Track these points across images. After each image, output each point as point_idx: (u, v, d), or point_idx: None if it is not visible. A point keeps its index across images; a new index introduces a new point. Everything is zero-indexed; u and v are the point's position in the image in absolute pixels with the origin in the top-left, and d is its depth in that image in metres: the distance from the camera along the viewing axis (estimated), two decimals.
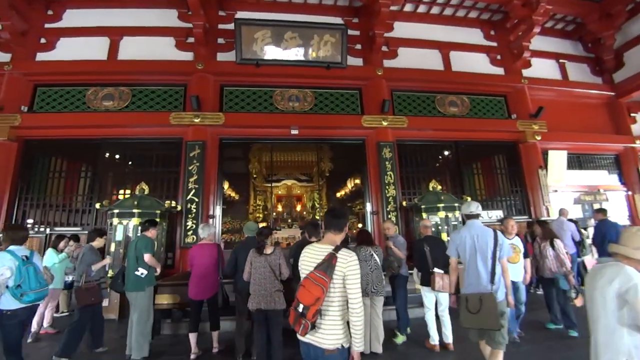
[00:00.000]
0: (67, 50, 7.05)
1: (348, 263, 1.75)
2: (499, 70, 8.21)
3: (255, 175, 10.84)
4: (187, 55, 7.02)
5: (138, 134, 6.62)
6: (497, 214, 7.38)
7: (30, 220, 6.28)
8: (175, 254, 6.11)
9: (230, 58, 6.94)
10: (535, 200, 7.52)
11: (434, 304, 3.85)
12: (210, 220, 6.23)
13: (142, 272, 3.42)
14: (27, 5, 6.94)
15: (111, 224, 5.23)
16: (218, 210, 6.43)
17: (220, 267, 3.58)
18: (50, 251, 4.47)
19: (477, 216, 2.99)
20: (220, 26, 7.27)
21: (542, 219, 6.67)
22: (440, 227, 5.87)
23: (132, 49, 7.03)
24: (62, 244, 4.60)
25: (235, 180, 11.63)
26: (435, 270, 3.58)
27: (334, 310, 1.74)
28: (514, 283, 3.60)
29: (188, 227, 6.00)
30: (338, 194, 12.49)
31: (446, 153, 7.77)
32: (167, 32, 7.15)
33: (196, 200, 6.10)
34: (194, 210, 6.05)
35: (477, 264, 2.83)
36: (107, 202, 5.27)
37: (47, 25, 7.23)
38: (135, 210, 5.17)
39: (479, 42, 8.26)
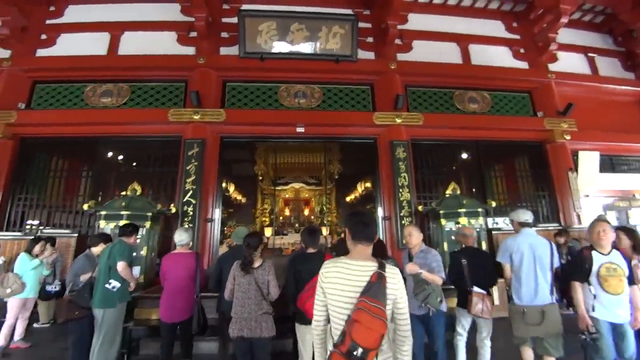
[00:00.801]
0: (68, 46, 6.71)
1: (399, 282, 1.42)
2: (523, 65, 7.47)
3: (261, 177, 10.30)
4: (189, 50, 6.57)
5: (136, 131, 6.16)
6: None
7: (34, 222, 5.84)
8: None
9: (234, 52, 6.45)
10: (565, 205, 6.70)
11: (467, 330, 3.13)
12: (209, 225, 5.68)
13: (113, 284, 2.86)
14: (28, 1, 6.62)
15: (98, 226, 4.72)
16: (217, 213, 5.88)
17: (199, 282, 2.95)
18: (22, 256, 3.97)
19: (530, 225, 2.89)
20: (224, 20, 6.82)
21: (624, 225, 5.79)
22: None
23: (132, 44, 6.63)
24: (37, 248, 4.10)
25: (242, 183, 11.14)
26: (475, 289, 2.90)
27: (386, 347, 1.39)
28: (616, 327, 2.55)
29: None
30: (348, 198, 11.84)
31: (464, 155, 7.04)
32: (169, 27, 6.73)
33: (193, 202, 5.57)
34: (191, 213, 5.51)
35: (536, 274, 2.74)
36: (94, 202, 4.77)
37: (48, 21, 6.92)
38: (124, 212, 4.66)
39: (500, 34, 7.55)
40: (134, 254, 3.34)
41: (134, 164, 6.43)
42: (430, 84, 6.84)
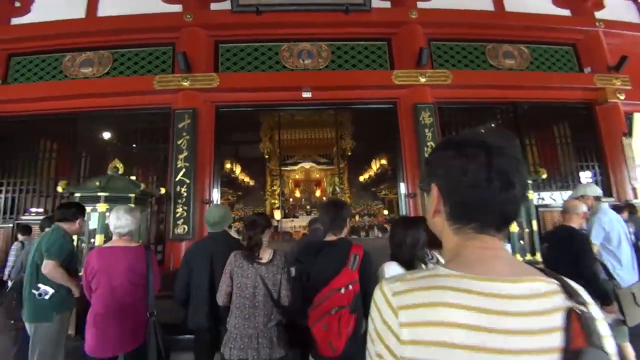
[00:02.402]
0: (43, 12, 5.77)
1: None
2: (565, 13, 6.14)
3: (268, 156, 9.33)
4: (176, 9, 5.51)
5: (120, 104, 5.24)
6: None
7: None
8: (164, 248, 4.76)
9: (226, 8, 5.36)
10: (618, 177, 5.53)
11: None
12: (207, 207, 4.80)
13: (42, 290, 1.98)
14: None
15: None
16: (215, 194, 4.99)
17: (152, 292, 1.90)
18: None
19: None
20: None
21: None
22: None
23: (112, 5, 5.62)
24: None
25: (250, 164, 10.24)
26: None
27: None
28: None
29: (177, 215, 4.60)
30: (361, 178, 10.81)
31: (499, 120, 5.87)
32: None
33: (187, 181, 4.68)
34: (185, 194, 4.64)
35: (633, 252, 2.55)
36: (65, 183, 3.93)
37: None
38: (101, 194, 3.80)
39: None
40: (83, 244, 2.44)
41: (121, 140, 5.54)
42: (457, 36, 5.64)
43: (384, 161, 9.34)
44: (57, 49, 5.60)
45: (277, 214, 9.02)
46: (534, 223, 4.10)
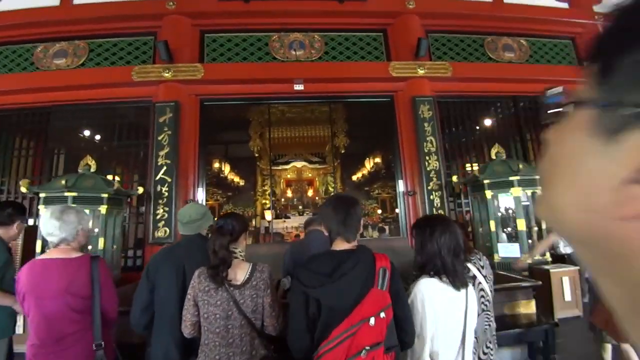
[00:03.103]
0: (14, 2, 5.24)
1: None
2: (563, 6, 5.92)
3: (258, 155, 8.92)
4: None
5: (96, 97, 4.78)
6: None
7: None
8: (144, 253, 4.32)
9: None
10: None
11: None
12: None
13: None
14: None
15: (37, 212, 3.44)
16: (200, 193, 4.57)
17: (97, 318, 1.42)
18: None
19: None
20: None
21: None
22: (513, 212, 3.81)
23: None
24: None
25: (241, 164, 9.80)
26: None
27: None
28: None
29: (158, 217, 4.17)
30: (354, 177, 10.49)
31: (500, 114, 5.60)
32: None
33: (168, 180, 4.25)
34: (166, 194, 4.21)
35: None
36: (27, 182, 3.45)
37: None
38: (68, 194, 3.35)
39: None
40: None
41: (98, 136, 5.08)
42: (456, 28, 5.35)
43: (378, 159, 9.04)
44: (28, 40, 5.10)
45: (268, 215, 8.61)
46: (543, 222, 3.81)
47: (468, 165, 5.35)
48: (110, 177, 4.61)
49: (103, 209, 3.51)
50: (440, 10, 5.17)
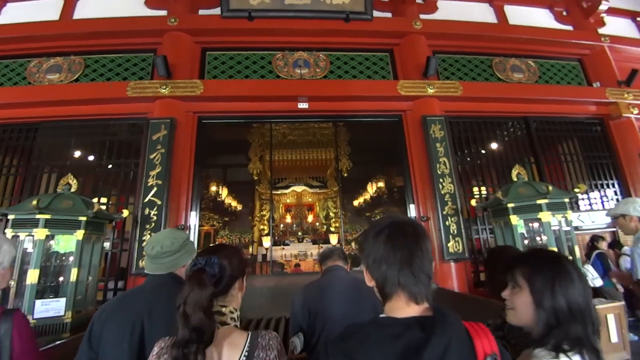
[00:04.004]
0: (14, 16, 5.09)
1: None
2: (567, 28, 5.87)
3: (257, 178, 8.52)
4: (160, 14, 4.92)
5: (88, 113, 4.45)
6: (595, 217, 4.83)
7: None
8: (126, 286, 3.78)
9: (216, 13, 4.80)
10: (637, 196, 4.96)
11: None
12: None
13: None
14: None
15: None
16: (193, 218, 4.10)
17: None
18: None
19: None
20: None
21: None
22: (540, 238, 3.38)
23: (90, 10, 5.00)
24: None
25: (239, 189, 9.40)
26: None
27: None
28: None
29: (144, 244, 3.66)
30: (355, 202, 10.06)
31: (512, 134, 5.31)
32: None
33: (158, 203, 3.81)
34: (154, 218, 3.75)
35: None
36: None
37: None
38: (40, 216, 2.88)
39: None
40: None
41: (88, 155, 4.68)
42: (463, 49, 5.19)
43: (381, 184, 8.67)
44: (23, 54, 4.87)
45: (267, 241, 8.07)
46: (577, 249, 3.37)
47: (476, 188, 4.95)
48: (98, 199, 4.18)
49: (79, 234, 3.03)
50: (447, 31, 5.04)
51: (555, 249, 3.28)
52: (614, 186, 5.16)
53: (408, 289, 0.71)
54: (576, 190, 3.58)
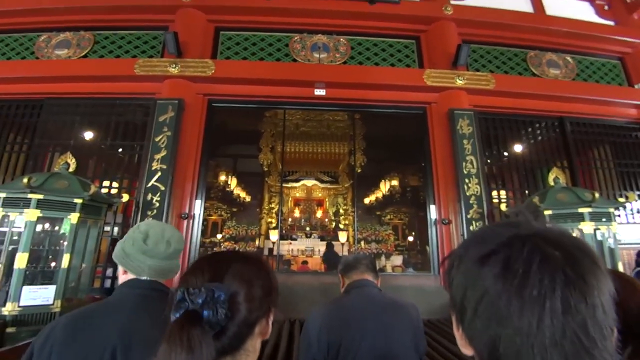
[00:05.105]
0: None
1: None
2: (609, 23, 5.34)
3: (267, 169, 8.22)
4: None
5: (93, 90, 4.20)
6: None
7: None
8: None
9: None
10: None
11: None
12: (184, 224, 3.63)
13: None
14: None
15: None
16: (198, 207, 3.82)
17: None
18: None
19: None
20: None
21: None
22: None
23: None
24: None
25: (248, 179, 9.12)
26: None
27: None
28: None
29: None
30: (366, 199, 9.68)
31: (546, 134, 4.85)
32: None
33: (162, 188, 3.54)
34: (157, 205, 3.48)
35: None
36: None
37: None
38: (32, 196, 2.64)
39: None
40: None
41: (90, 135, 4.44)
42: (495, 39, 4.75)
43: (395, 182, 8.27)
44: (32, 28, 4.65)
45: (274, 235, 7.80)
46: (620, 267, 2.96)
47: (503, 192, 4.54)
48: (99, 181, 3.95)
49: (74, 217, 2.78)
50: (479, 19, 4.60)
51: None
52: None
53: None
54: (622, 199, 3.15)
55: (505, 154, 4.54)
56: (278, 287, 0.56)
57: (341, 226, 8.95)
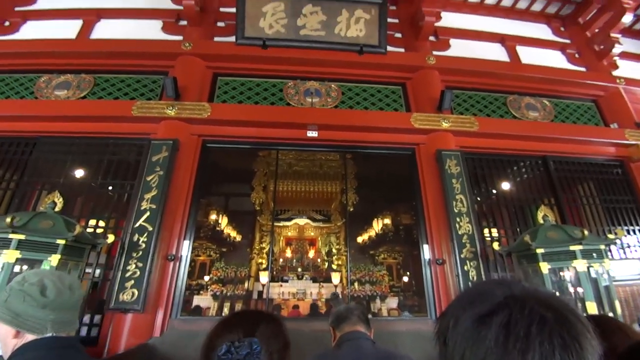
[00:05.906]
0: (31, 34, 5.18)
1: None
2: (581, 69, 5.85)
3: (258, 208, 8.17)
4: (175, 39, 4.95)
5: (89, 130, 4.28)
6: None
7: None
8: (102, 321, 3.33)
9: (230, 41, 4.82)
10: None
11: None
12: (170, 266, 3.51)
13: None
14: None
15: None
16: (186, 248, 3.72)
17: None
18: None
19: None
20: (222, 9, 5.33)
21: None
22: (576, 291, 2.95)
23: (107, 32, 5.08)
24: None
25: (239, 218, 9.02)
26: None
27: None
28: None
29: (128, 274, 3.27)
30: (359, 238, 9.56)
31: (530, 173, 5.02)
32: (154, 14, 5.24)
33: (149, 229, 3.47)
34: (142, 246, 3.39)
35: None
36: None
37: (17, 8, 5.46)
38: (13, 236, 2.55)
39: (548, 37, 6.05)
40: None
41: (81, 174, 4.42)
42: (476, 85, 5.12)
43: (387, 220, 8.27)
44: (34, 69, 4.85)
45: (264, 276, 7.51)
46: (617, 305, 2.91)
47: (494, 230, 4.57)
48: (85, 221, 3.85)
49: (54, 259, 2.67)
50: (460, 67, 5.00)
51: (594, 304, 2.84)
52: (634, 232, 4.74)
53: None
54: (611, 236, 3.21)
55: (494, 192, 4.65)
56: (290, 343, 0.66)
57: (334, 267, 8.72)
